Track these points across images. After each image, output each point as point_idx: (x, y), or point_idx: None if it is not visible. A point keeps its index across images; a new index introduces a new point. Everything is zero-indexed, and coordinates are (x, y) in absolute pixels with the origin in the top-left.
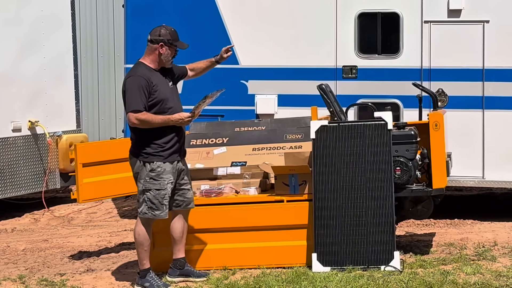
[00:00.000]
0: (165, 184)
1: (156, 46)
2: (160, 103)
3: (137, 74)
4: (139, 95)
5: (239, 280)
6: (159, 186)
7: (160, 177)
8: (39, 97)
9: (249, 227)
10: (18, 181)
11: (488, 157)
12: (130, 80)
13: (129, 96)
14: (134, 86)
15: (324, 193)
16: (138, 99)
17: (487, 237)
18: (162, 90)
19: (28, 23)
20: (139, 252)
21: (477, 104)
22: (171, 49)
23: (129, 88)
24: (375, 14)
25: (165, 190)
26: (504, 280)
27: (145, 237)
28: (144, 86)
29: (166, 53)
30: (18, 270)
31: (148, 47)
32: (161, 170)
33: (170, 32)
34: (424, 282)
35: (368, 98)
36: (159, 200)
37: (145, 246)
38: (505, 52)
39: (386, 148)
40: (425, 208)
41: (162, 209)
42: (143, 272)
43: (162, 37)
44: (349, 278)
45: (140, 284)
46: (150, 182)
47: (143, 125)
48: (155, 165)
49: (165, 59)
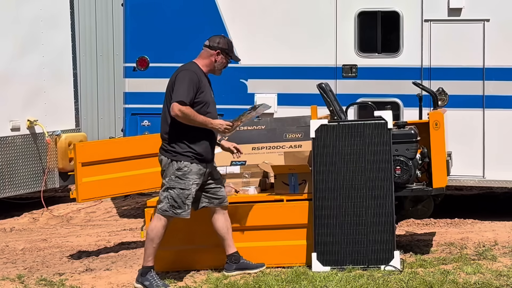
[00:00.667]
0: (190, 185)
1: (212, 52)
2: (202, 105)
3: (191, 70)
4: (189, 89)
5: (238, 279)
6: (184, 186)
7: (186, 177)
8: (38, 96)
9: (249, 227)
10: (17, 180)
11: (489, 156)
12: (184, 72)
13: (179, 87)
14: (186, 79)
15: (324, 192)
16: (186, 92)
17: (488, 236)
18: (207, 93)
19: (27, 22)
20: (147, 247)
21: (477, 103)
22: (225, 59)
23: (180, 80)
24: (375, 13)
25: (189, 190)
26: (504, 279)
27: (158, 234)
28: (195, 83)
29: (220, 61)
30: (17, 269)
31: (204, 51)
32: (187, 170)
33: (228, 42)
34: (424, 281)
35: (368, 97)
36: (182, 200)
37: (155, 243)
38: (505, 51)
39: (386, 147)
40: (425, 207)
41: (184, 208)
42: (145, 270)
43: (220, 45)
44: (349, 278)
45: (140, 281)
46: (175, 180)
47: (184, 119)
48: (182, 164)
49: (218, 66)
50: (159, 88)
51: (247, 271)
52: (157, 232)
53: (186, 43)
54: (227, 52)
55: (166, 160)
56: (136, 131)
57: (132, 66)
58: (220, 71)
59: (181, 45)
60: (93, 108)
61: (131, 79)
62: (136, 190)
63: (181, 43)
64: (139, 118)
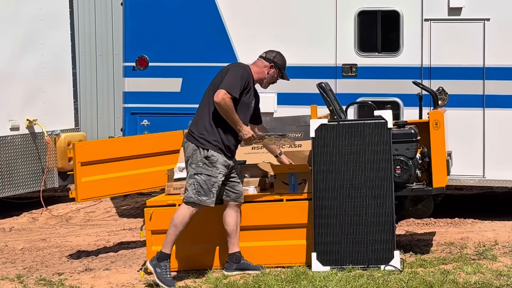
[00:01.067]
0: (217, 173)
1: (267, 64)
2: (240, 105)
3: (246, 68)
4: (240, 82)
5: (238, 279)
6: (211, 173)
7: (214, 165)
8: (37, 95)
9: (248, 226)
10: (16, 180)
11: (489, 156)
12: (240, 67)
13: (231, 77)
14: (239, 73)
15: (324, 192)
16: (237, 84)
17: (488, 236)
18: (249, 98)
19: (26, 21)
20: (169, 233)
21: (477, 102)
22: (276, 74)
23: (236, 72)
24: (375, 12)
25: (216, 178)
26: (504, 279)
27: (183, 222)
28: (246, 81)
29: (272, 75)
30: (16, 269)
31: (259, 60)
32: (214, 159)
33: (283, 60)
34: (424, 281)
35: (368, 96)
36: (208, 186)
37: (178, 230)
38: (506, 50)
39: (386, 147)
40: (425, 207)
41: (209, 196)
42: (163, 256)
43: (276, 60)
44: (349, 278)
45: (153, 265)
46: (203, 167)
47: (222, 108)
48: (210, 153)
49: (268, 79)
50: (158, 88)
51: (247, 271)
52: (183, 219)
53: (186, 43)
54: (280, 69)
55: (193, 147)
56: (136, 130)
57: (131, 65)
58: (268, 85)
59: (181, 45)
60: (92, 107)
61: (131, 79)
62: (135, 190)
63: (181, 43)
64: (139, 118)
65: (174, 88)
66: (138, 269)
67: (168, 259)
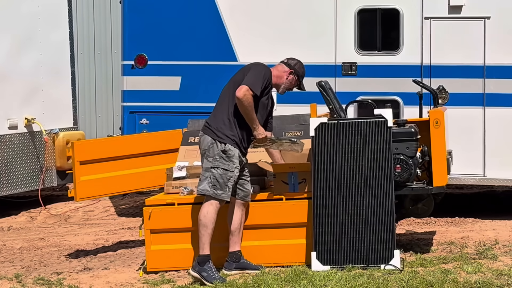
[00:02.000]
0: (234, 167)
1: (287, 69)
2: (259, 105)
3: (269, 69)
4: (262, 82)
5: (237, 279)
6: (227, 167)
7: (231, 159)
8: (36, 94)
9: (248, 225)
10: (14, 179)
11: (489, 154)
12: (263, 66)
13: (255, 76)
14: (263, 72)
15: (324, 191)
16: (260, 83)
17: (488, 235)
18: (267, 99)
19: (25, 20)
20: (202, 234)
21: (478, 101)
22: (294, 82)
23: (259, 70)
24: (375, 10)
25: (232, 172)
26: (505, 279)
27: (211, 219)
28: (268, 80)
29: (290, 81)
30: (15, 269)
31: (280, 65)
32: (231, 153)
33: (303, 70)
34: (424, 281)
35: (368, 95)
36: (224, 180)
37: (209, 228)
38: (506, 48)
39: (386, 146)
40: (426, 206)
41: (225, 190)
42: (203, 258)
43: (296, 67)
44: (349, 277)
45: (198, 271)
46: (220, 160)
47: (242, 104)
48: (227, 147)
49: (285, 85)
50: (157, 86)
51: (247, 271)
52: (210, 217)
53: (185, 41)
54: (298, 77)
55: (210, 140)
56: (135, 129)
57: (130, 64)
58: (284, 90)
59: (180, 43)
60: (91, 106)
61: (130, 77)
62: (134, 189)
63: (180, 41)
64: (137, 116)
65: (173, 86)
66: (137, 269)
67: (209, 259)
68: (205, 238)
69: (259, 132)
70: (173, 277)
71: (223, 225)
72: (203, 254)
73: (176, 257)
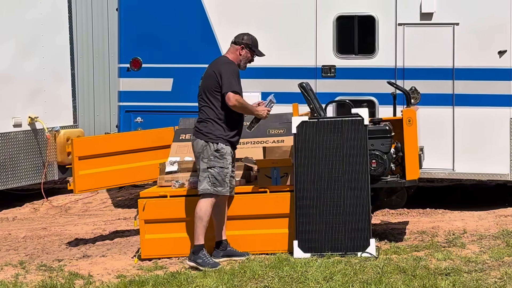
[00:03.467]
0: (228, 164)
1: (237, 47)
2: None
3: (231, 63)
4: (237, 80)
5: (225, 265)
6: (223, 165)
7: (224, 157)
8: (39, 94)
9: (235, 216)
10: (18, 173)
11: (458, 150)
12: (226, 66)
13: (228, 79)
14: (231, 71)
15: (305, 184)
16: (236, 82)
17: (457, 225)
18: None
19: (28, 26)
20: (197, 226)
21: (447, 101)
22: (249, 54)
23: (228, 72)
24: (353, 17)
25: (228, 169)
26: (472, 265)
27: (206, 212)
28: (237, 74)
29: (245, 56)
30: (19, 256)
31: (231, 47)
32: (224, 151)
33: (252, 39)
34: (398, 267)
35: (346, 95)
36: (222, 177)
37: (204, 221)
38: (473, 52)
39: (362, 142)
40: (399, 198)
41: (224, 185)
42: (197, 248)
43: (244, 41)
44: (328, 264)
45: (193, 260)
46: (215, 160)
47: (239, 108)
48: (219, 146)
49: (243, 60)
50: (151, 87)
51: (233, 258)
52: (206, 210)
53: (177, 45)
54: (251, 47)
55: (202, 143)
56: (130, 127)
57: (126, 66)
58: (245, 65)
59: (172, 47)
60: (89, 105)
61: (125, 79)
62: (129, 182)
63: (172, 45)
64: (133, 115)
65: (166, 87)
66: (132, 256)
67: (203, 248)
68: (200, 230)
69: (260, 112)
70: (165, 264)
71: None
72: (198, 244)
73: (169, 245)
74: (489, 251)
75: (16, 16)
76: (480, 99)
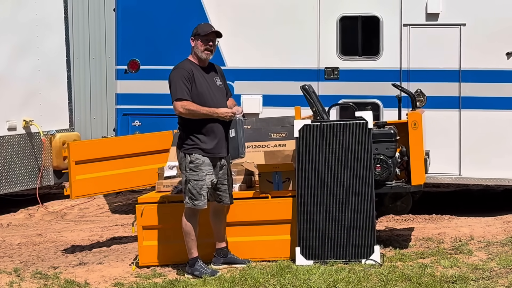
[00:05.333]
0: (204, 176)
1: (191, 42)
2: (201, 95)
3: (179, 67)
4: (182, 85)
5: (225, 273)
6: (197, 177)
7: (199, 168)
8: (34, 97)
9: (236, 222)
10: (13, 178)
11: (465, 154)
12: (173, 72)
13: (173, 86)
14: (176, 77)
15: (307, 189)
16: (181, 88)
17: (464, 231)
18: (203, 83)
19: (23, 27)
20: (187, 241)
21: (454, 104)
22: (201, 41)
23: (172, 80)
24: (356, 18)
25: (203, 181)
26: (480, 273)
27: (191, 227)
28: (186, 77)
29: (197, 46)
30: (13, 263)
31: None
32: (199, 162)
33: (199, 26)
34: (403, 274)
35: (350, 98)
36: (197, 191)
37: (192, 235)
38: (481, 54)
39: (366, 146)
40: (404, 204)
41: (200, 199)
42: (192, 261)
43: (194, 32)
44: (331, 271)
45: (190, 272)
46: (190, 173)
47: (189, 114)
48: (194, 157)
49: (199, 49)
50: (149, 90)
51: (234, 265)
52: (190, 226)
53: (175, 47)
54: (199, 34)
55: (181, 154)
56: (127, 130)
57: (123, 68)
58: (204, 54)
59: (170, 49)
60: (86, 108)
61: (123, 81)
62: (127, 187)
63: (170, 47)
64: (130, 118)
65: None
66: (129, 263)
67: (198, 260)
68: (191, 244)
69: (221, 115)
70: (164, 272)
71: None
72: (192, 258)
73: (167, 252)
74: (496, 258)
75: (10, 17)
76: (488, 102)
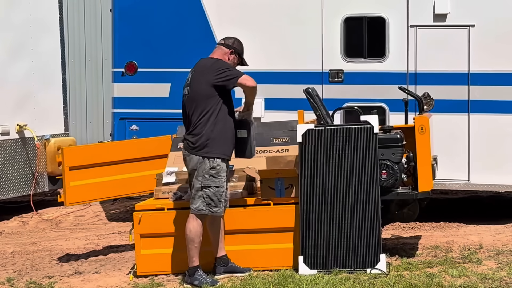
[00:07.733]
0: (223, 182)
1: (227, 50)
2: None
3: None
4: None
5: (226, 282)
6: (218, 184)
7: (219, 175)
8: (28, 100)
9: (236, 230)
10: (6, 184)
11: (474, 160)
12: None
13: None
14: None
15: (311, 196)
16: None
17: (473, 240)
18: None
19: (17, 28)
20: (190, 248)
21: (462, 107)
22: (237, 60)
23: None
24: (362, 18)
25: (223, 187)
26: (489, 282)
27: (197, 233)
28: None
29: (232, 61)
30: (7, 272)
31: (218, 48)
32: (220, 168)
33: (241, 45)
34: (410, 284)
35: (354, 101)
36: (218, 197)
37: (196, 242)
38: (490, 56)
39: (372, 152)
40: (411, 211)
41: (219, 206)
42: (192, 270)
43: (235, 46)
44: (335, 281)
45: (189, 282)
46: (209, 179)
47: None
48: (215, 163)
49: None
50: (147, 93)
51: (235, 274)
52: (196, 232)
53: (174, 49)
54: (240, 54)
55: (197, 159)
56: (125, 135)
57: (120, 71)
58: None
59: (169, 51)
60: (82, 112)
61: (120, 84)
62: (124, 194)
63: (169, 48)
64: (128, 123)
65: (163, 93)
66: (127, 273)
67: (198, 269)
68: (193, 252)
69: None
70: (162, 281)
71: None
72: (192, 266)
73: (166, 261)
74: (506, 267)
75: (3, 17)
76: (497, 105)
